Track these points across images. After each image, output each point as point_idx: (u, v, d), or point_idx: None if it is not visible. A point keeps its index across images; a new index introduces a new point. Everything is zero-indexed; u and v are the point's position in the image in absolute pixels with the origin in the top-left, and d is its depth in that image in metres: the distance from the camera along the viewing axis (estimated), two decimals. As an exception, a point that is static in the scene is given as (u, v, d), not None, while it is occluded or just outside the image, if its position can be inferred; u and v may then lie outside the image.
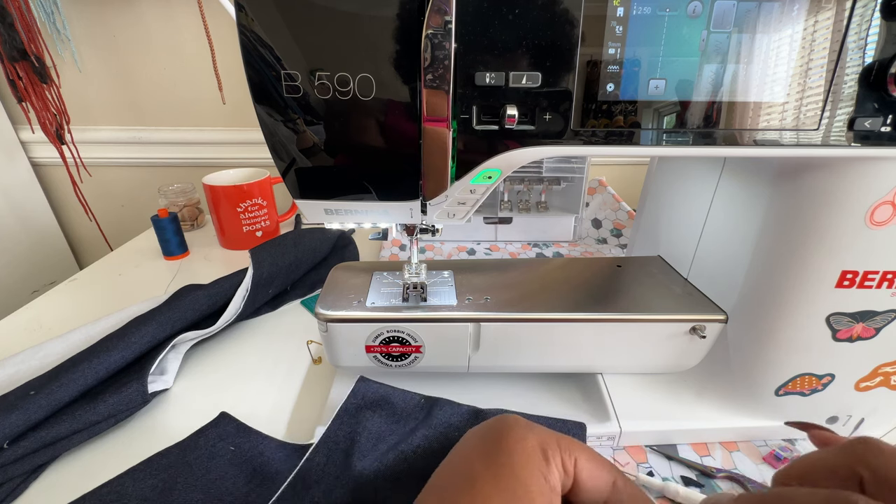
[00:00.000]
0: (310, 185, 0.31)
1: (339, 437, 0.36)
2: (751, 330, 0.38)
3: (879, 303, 0.34)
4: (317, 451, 0.35)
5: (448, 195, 0.31)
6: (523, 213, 0.79)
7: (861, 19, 0.26)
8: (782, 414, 0.39)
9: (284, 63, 0.26)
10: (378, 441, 0.36)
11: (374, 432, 0.37)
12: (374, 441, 0.36)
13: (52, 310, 0.61)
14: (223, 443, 0.38)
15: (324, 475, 0.34)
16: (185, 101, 0.91)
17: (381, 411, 0.38)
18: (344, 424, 0.37)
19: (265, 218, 0.76)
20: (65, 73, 0.86)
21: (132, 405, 0.42)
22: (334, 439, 0.36)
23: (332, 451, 0.35)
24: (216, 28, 0.82)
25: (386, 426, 0.38)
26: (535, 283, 0.43)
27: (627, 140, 0.29)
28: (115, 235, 0.97)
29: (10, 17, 0.71)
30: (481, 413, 0.38)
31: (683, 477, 0.37)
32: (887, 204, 0.30)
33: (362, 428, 0.37)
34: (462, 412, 0.38)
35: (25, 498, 0.36)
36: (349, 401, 0.39)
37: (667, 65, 0.27)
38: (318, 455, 0.35)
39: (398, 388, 0.41)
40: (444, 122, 0.28)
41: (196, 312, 0.51)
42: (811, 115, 0.28)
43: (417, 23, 0.25)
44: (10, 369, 0.44)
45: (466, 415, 0.38)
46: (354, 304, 0.40)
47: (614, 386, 0.42)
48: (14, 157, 0.91)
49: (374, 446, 0.36)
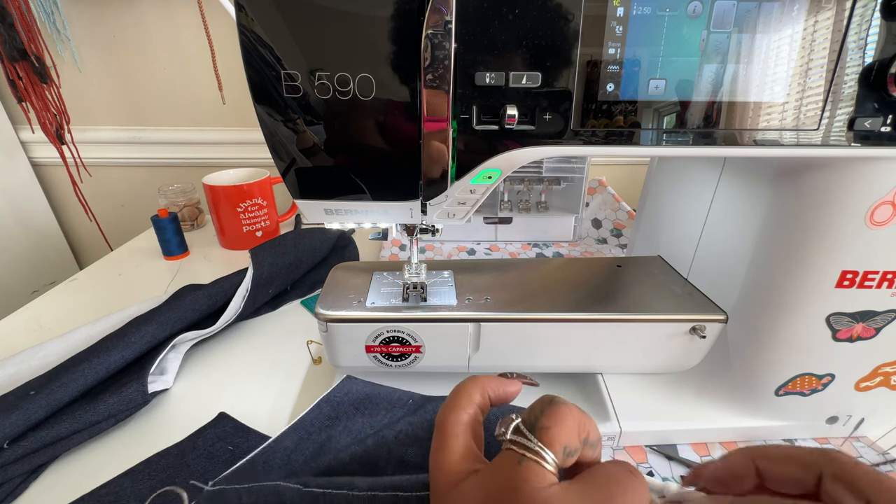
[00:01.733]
0: (310, 185, 0.31)
1: (315, 427, 0.36)
2: (751, 330, 0.38)
3: (879, 303, 0.34)
4: (287, 434, 0.35)
5: (448, 195, 0.31)
6: (523, 213, 0.79)
7: (861, 19, 0.26)
8: (782, 414, 0.39)
9: (284, 63, 0.26)
10: (357, 434, 0.36)
11: (353, 430, 0.36)
12: (354, 434, 0.36)
13: (52, 310, 0.61)
14: (222, 443, 0.38)
15: (289, 461, 0.33)
16: (185, 101, 0.91)
17: (365, 410, 0.38)
18: (322, 415, 0.37)
19: (265, 218, 0.76)
20: (65, 73, 0.86)
21: (132, 405, 0.42)
22: (307, 428, 0.36)
23: (302, 440, 0.35)
24: (216, 28, 0.82)
25: (367, 422, 0.37)
26: (535, 283, 0.43)
27: (627, 140, 0.29)
28: (115, 235, 0.97)
29: (10, 17, 0.71)
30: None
31: (683, 477, 0.37)
32: (887, 204, 0.30)
33: (341, 424, 0.36)
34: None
35: (25, 498, 0.36)
36: (331, 393, 0.39)
37: (667, 65, 0.27)
38: (287, 439, 0.35)
39: (386, 386, 0.40)
40: (444, 122, 0.28)
41: (196, 312, 0.51)
42: (811, 115, 0.28)
43: (417, 23, 0.25)
44: (10, 369, 0.44)
45: None
46: (354, 304, 0.40)
47: (614, 386, 0.42)
48: (14, 157, 0.91)
49: (353, 438, 0.36)
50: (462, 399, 0.25)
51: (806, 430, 0.40)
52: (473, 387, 0.26)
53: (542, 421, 0.21)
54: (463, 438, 0.24)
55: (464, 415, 0.24)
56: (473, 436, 0.24)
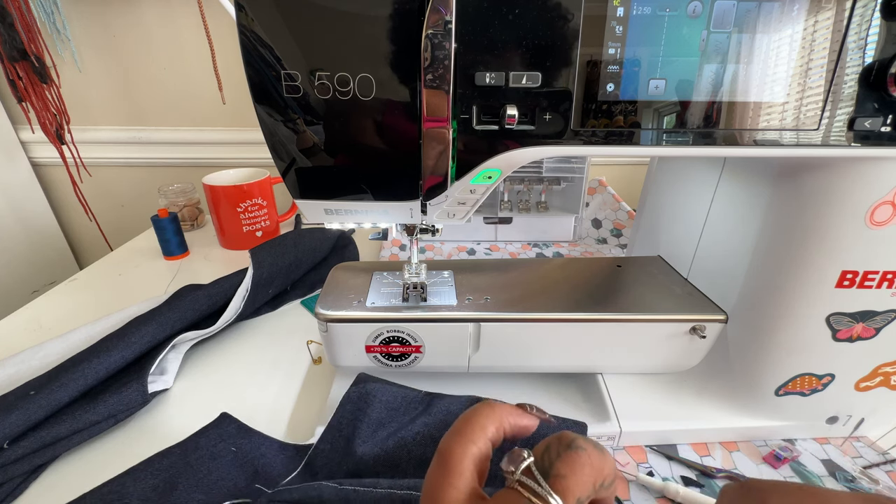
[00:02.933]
0: (310, 185, 0.31)
1: (343, 423, 0.38)
2: (751, 330, 0.38)
3: (879, 303, 0.34)
4: (322, 439, 0.37)
5: (448, 195, 0.31)
6: (523, 213, 0.79)
7: (861, 19, 0.26)
8: (782, 414, 0.39)
9: (284, 63, 0.26)
10: (378, 427, 0.37)
11: (374, 419, 0.38)
12: (375, 427, 0.37)
13: (52, 310, 0.61)
14: (224, 444, 0.38)
15: (328, 461, 0.36)
16: (185, 101, 0.91)
17: (383, 399, 0.40)
18: (347, 412, 0.38)
19: (265, 218, 0.76)
20: (65, 73, 0.86)
21: (132, 405, 0.42)
22: (337, 427, 0.38)
23: (335, 439, 0.37)
24: (216, 28, 0.82)
25: (386, 413, 0.39)
26: (535, 283, 0.43)
27: (627, 140, 0.29)
28: (115, 235, 0.97)
29: (10, 17, 0.71)
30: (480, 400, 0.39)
31: (683, 477, 0.37)
32: (887, 204, 0.30)
33: (364, 415, 0.38)
34: (461, 401, 0.39)
35: (25, 498, 0.36)
36: (351, 389, 0.40)
37: (667, 65, 0.27)
38: (322, 443, 0.37)
39: (398, 383, 0.41)
40: (444, 122, 0.28)
41: (196, 312, 0.51)
42: (811, 115, 0.28)
43: (417, 23, 0.25)
44: (10, 369, 0.44)
45: (466, 402, 0.39)
46: (354, 304, 0.40)
47: (614, 386, 0.42)
48: (14, 157, 0.91)
49: (374, 432, 0.37)
50: (475, 431, 0.22)
51: (806, 430, 0.40)
52: (488, 419, 0.23)
53: (557, 467, 0.19)
54: (469, 476, 0.21)
55: (473, 448, 0.22)
56: (479, 473, 0.22)
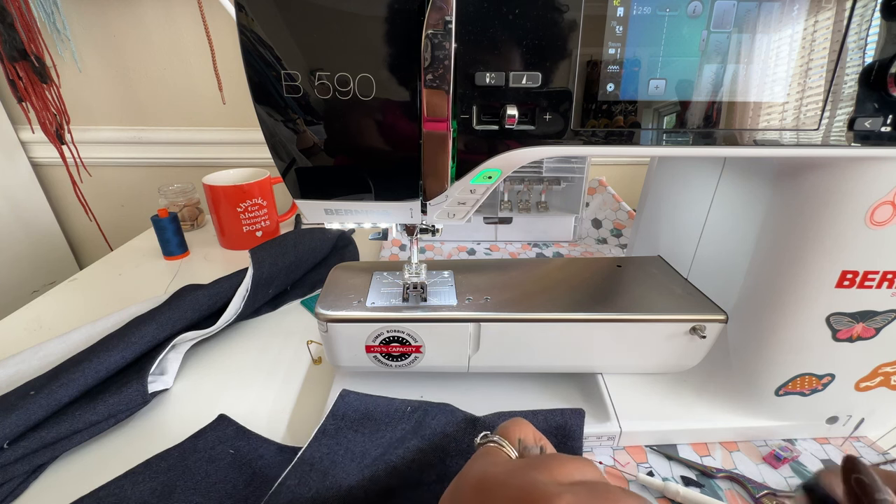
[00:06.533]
0: (310, 185, 0.31)
1: (315, 458, 0.35)
2: (751, 330, 0.38)
3: (879, 303, 0.34)
4: (289, 475, 0.34)
5: (448, 195, 0.31)
6: (523, 213, 0.79)
7: (861, 19, 0.26)
8: (782, 414, 0.39)
9: (284, 63, 0.26)
10: (362, 457, 0.35)
11: (356, 452, 0.35)
12: (359, 458, 0.35)
13: (52, 310, 0.61)
14: (222, 446, 0.38)
15: (294, 497, 0.32)
16: (185, 101, 0.91)
17: (364, 429, 0.37)
18: (322, 446, 0.36)
19: (265, 218, 0.76)
20: (65, 73, 0.86)
21: (132, 405, 0.42)
22: (309, 461, 0.35)
23: (304, 474, 0.34)
24: (216, 28, 0.82)
25: (369, 442, 0.36)
26: (535, 283, 0.43)
27: (627, 140, 0.29)
28: (115, 235, 0.97)
29: (10, 17, 0.71)
30: (478, 421, 0.37)
31: (683, 477, 0.37)
32: (887, 204, 0.30)
33: (343, 448, 0.35)
34: (458, 420, 0.37)
35: (25, 498, 0.36)
36: (328, 422, 0.37)
37: (667, 65, 0.27)
38: (289, 479, 0.33)
39: (383, 396, 0.40)
40: (444, 122, 0.27)
41: (196, 312, 0.51)
42: (811, 115, 0.28)
43: (417, 23, 0.25)
44: (10, 369, 0.44)
45: (462, 423, 0.37)
46: (354, 304, 0.40)
47: (614, 386, 0.42)
48: (14, 157, 0.91)
49: (359, 463, 0.35)
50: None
51: (806, 430, 0.40)
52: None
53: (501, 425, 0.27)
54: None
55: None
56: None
